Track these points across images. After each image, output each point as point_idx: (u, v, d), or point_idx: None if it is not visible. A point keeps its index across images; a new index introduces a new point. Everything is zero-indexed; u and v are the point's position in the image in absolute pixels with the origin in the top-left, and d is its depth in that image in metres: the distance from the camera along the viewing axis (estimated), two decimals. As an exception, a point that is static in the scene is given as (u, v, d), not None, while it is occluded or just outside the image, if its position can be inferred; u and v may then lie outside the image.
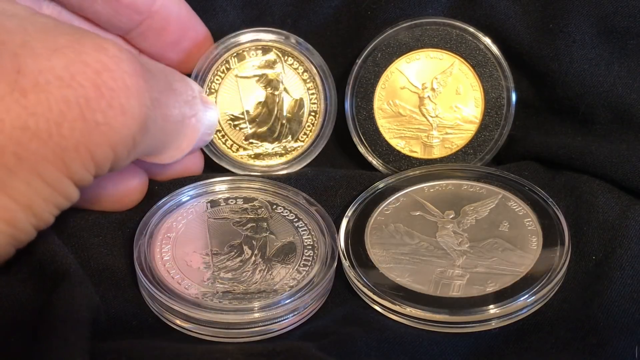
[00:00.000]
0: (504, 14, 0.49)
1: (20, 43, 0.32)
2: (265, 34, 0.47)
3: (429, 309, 0.40)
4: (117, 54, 0.34)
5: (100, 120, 0.33)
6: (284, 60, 0.48)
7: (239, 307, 0.40)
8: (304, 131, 0.49)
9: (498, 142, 0.49)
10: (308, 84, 0.48)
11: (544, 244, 0.43)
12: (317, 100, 0.48)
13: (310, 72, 0.48)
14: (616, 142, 0.48)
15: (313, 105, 0.48)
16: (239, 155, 0.49)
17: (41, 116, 0.32)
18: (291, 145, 0.49)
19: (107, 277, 0.42)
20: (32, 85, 0.32)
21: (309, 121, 0.49)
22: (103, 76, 0.33)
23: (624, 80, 0.48)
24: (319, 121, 0.49)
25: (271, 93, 0.48)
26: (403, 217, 0.45)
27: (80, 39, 0.34)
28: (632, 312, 0.39)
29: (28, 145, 0.32)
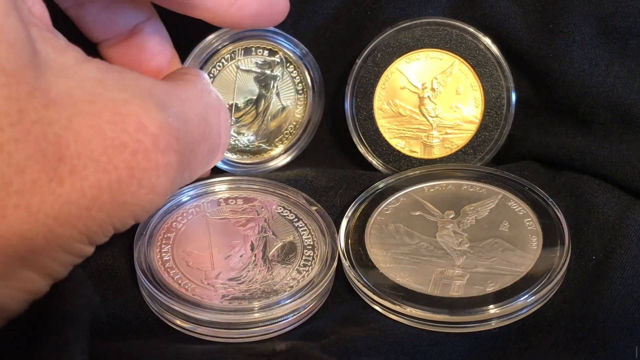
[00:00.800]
0: (504, 14, 0.49)
1: (66, 122, 0.31)
2: (276, 35, 0.47)
3: (429, 309, 0.40)
4: (157, 132, 0.33)
5: (129, 201, 0.33)
6: (285, 66, 0.48)
7: (239, 307, 0.40)
8: (281, 137, 0.49)
9: (498, 142, 0.49)
10: (300, 94, 0.48)
11: (544, 244, 0.43)
12: (302, 112, 0.49)
13: (305, 84, 0.48)
14: (616, 142, 0.48)
15: (297, 116, 0.49)
16: None
17: (74, 203, 0.31)
18: (264, 148, 0.49)
19: (107, 277, 0.42)
20: (69, 172, 0.31)
21: (288, 129, 0.49)
22: (138, 157, 0.32)
23: (624, 80, 0.48)
24: (298, 132, 0.49)
25: (263, 93, 0.48)
26: (403, 217, 0.45)
27: (125, 115, 0.32)
28: (632, 312, 0.39)
29: (58, 230, 0.31)
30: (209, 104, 0.38)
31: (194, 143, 0.36)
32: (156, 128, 0.33)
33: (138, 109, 0.33)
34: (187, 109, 0.36)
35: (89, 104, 0.32)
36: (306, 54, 0.48)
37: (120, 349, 0.37)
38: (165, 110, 0.34)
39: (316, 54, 0.49)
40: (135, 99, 0.33)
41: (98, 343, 0.37)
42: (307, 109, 0.49)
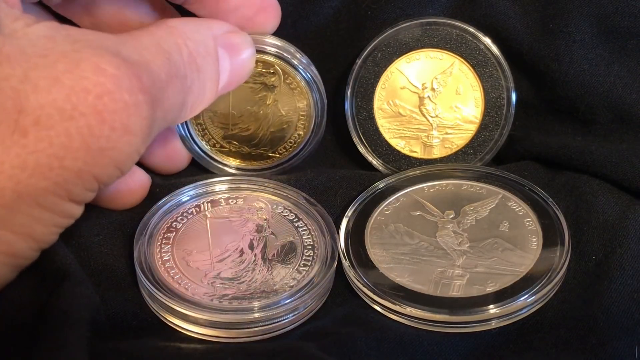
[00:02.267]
0: (504, 14, 0.49)
1: (22, 76, 0.32)
2: (274, 40, 0.47)
3: (429, 309, 0.40)
4: (116, 72, 0.33)
5: (104, 145, 0.33)
6: (283, 79, 0.47)
7: (239, 307, 0.40)
8: (284, 145, 0.49)
9: (498, 142, 0.49)
10: (300, 103, 0.48)
11: (544, 243, 0.43)
12: (305, 124, 0.48)
13: (304, 94, 0.47)
14: (616, 142, 0.48)
15: (301, 126, 0.48)
16: (214, 150, 0.49)
17: (41, 152, 0.32)
18: (267, 154, 0.49)
19: (107, 277, 0.42)
20: (32, 124, 0.32)
21: (292, 139, 0.49)
22: (104, 100, 0.33)
23: (624, 80, 0.48)
24: (302, 141, 0.48)
25: (262, 102, 0.48)
26: (403, 217, 0.45)
27: (79, 61, 0.33)
28: (632, 312, 0.39)
29: (27, 181, 0.32)
30: (170, 45, 0.38)
31: (161, 82, 0.36)
32: (114, 69, 0.33)
33: (91, 56, 0.33)
34: (144, 53, 0.36)
35: (42, 58, 0.33)
36: (304, 62, 0.47)
37: (120, 349, 0.37)
38: (120, 54, 0.34)
39: (316, 54, 0.49)
40: (86, 49, 0.34)
41: (98, 343, 0.37)
42: (311, 120, 0.48)
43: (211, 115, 0.48)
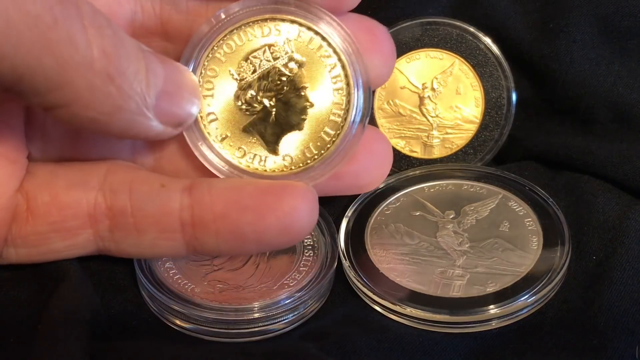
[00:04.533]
0: (504, 14, 0.49)
1: None
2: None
3: (429, 309, 0.40)
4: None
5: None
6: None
7: (239, 307, 0.40)
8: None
9: (498, 142, 0.49)
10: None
11: (544, 244, 0.43)
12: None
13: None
14: (617, 142, 0.48)
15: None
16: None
17: None
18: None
19: (106, 277, 0.42)
20: None
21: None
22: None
23: (625, 80, 0.48)
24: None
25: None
26: (403, 217, 0.45)
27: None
28: (633, 312, 0.39)
29: None
30: None
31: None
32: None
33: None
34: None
35: None
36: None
37: (120, 349, 0.37)
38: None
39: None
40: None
41: (98, 343, 0.37)
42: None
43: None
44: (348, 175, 0.39)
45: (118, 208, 0.38)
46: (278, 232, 0.36)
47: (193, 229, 0.37)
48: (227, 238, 0.37)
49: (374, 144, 0.39)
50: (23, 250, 0.39)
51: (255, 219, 0.36)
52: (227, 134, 0.38)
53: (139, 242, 0.38)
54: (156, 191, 0.38)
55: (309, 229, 0.37)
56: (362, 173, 0.39)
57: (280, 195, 0.36)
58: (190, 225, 0.37)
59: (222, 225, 0.37)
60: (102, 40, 0.32)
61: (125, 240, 0.39)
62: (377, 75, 0.39)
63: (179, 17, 0.39)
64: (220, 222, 0.37)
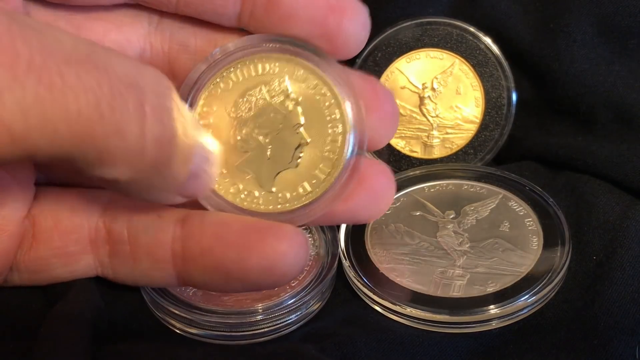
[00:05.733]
0: (504, 14, 0.49)
1: None
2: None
3: (429, 309, 0.40)
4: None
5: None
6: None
7: (241, 310, 0.40)
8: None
9: (498, 142, 0.49)
10: None
11: (544, 244, 0.43)
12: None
13: None
14: (617, 142, 0.48)
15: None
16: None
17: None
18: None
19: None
20: None
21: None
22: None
23: (625, 79, 0.48)
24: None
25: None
26: (403, 217, 0.45)
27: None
28: (633, 313, 0.39)
29: None
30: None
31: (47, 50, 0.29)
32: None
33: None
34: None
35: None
36: None
37: (122, 352, 0.37)
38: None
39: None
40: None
41: (100, 345, 0.37)
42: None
43: None
44: (344, 213, 0.38)
45: (116, 235, 0.38)
46: (261, 272, 0.35)
47: (183, 262, 0.37)
48: (212, 273, 0.36)
49: (373, 179, 0.38)
50: (25, 275, 0.39)
51: (239, 257, 0.35)
52: (222, 171, 0.38)
53: (134, 271, 0.38)
54: (152, 221, 0.38)
55: (294, 271, 0.35)
56: (359, 210, 0.38)
57: (265, 235, 0.35)
58: (180, 257, 0.37)
59: (208, 260, 0.36)
60: (161, 126, 0.31)
61: (122, 268, 0.39)
62: (376, 136, 0.38)
63: (187, 57, 0.39)
64: (207, 257, 0.36)
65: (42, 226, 0.38)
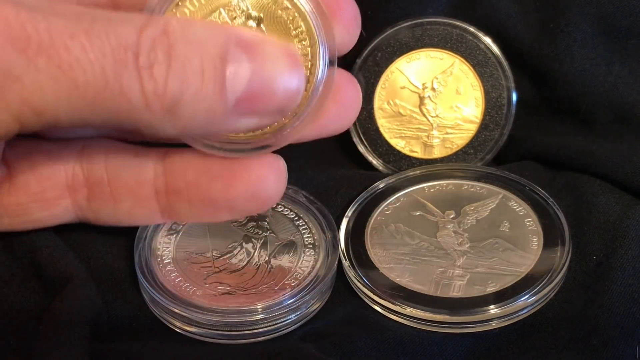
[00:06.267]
0: (504, 14, 0.49)
1: None
2: None
3: (429, 309, 0.40)
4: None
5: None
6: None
7: (241, 309, 0.40)
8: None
9: (498, 142, 0.49)
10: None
11: (544, 244, 0.43)
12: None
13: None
14: (617, 142, 0.48)
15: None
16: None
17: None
18: None
19: (107, 278, 0.42)
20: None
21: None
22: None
23: (625, 79, 0.48)
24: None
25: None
26: (403, 217, 0.45)
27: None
28: (633, 313, 0.39)
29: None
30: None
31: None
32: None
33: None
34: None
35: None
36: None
37: (121, 351, 0.37)
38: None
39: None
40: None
41: (99, 344, 0.37)
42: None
43: None
44: (314, 128, 0.39)
45: (95, 178, 0.39)
46: (247, 199, 0.37)
47: (167, 197, 0.38)
48: (199, 205, 0.38)
49: (341, 89, 0.38)
50: (5, 220, 0.40)
51: (225, 187, 0.37)
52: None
53: (115, 211, 0.40)
54: (131, 160, 0.39)
55: (277, 196, 0.38)
56: (329, 122, 0.39)
57: (248, 164, 0.37)
58: (164, 193, 0.38)
59: (194, 193, 0.38)
60: (153, 79, 0.32)
61: (103, 209, 0.40)
62: (340, 43, 0.38)
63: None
64: (192, 190, 0.38)
65: (18, 172, 0.39)
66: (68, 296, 0.38)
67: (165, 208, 0.39)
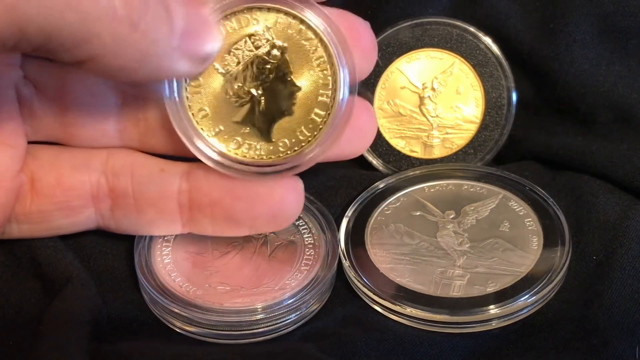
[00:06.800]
0: (504, 14, 0.49)
1: None
2: None
3: (429, 309, 0.40)
4: None
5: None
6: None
7: (241, 309, 0.40)
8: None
9: (498, 142, 0.49)
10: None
11: (544, 244, 0.43)
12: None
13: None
14: (617, 142, 0.48)
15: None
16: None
17: None
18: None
19: (107, 278, 0.42)
20: None
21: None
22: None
23: (625, 79, 0.48)
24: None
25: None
26: (403, 217, 0.45)
27: None
28: (633, 313, 0.39)
29: None
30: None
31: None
32: None
33: None
34: None
35: None
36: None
37: (121, 350, 0.37)
38: None
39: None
40: None
41: (99, 344, 0.37)
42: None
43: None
44: (331, 152, 0.40)
45: (120, 190, 0.40)
46: (268, 219, 0.40)
47: (190, 211, 0.40)
48: (221, 221, 0.40)
49: (358, 115, 0.39)
50: (25, 227, 0.41)
51: (248, 207, 0.39)
52: (220, 128, 0.39)
53: (138, 221, 0.41)
54: (156, 175, 0.40)
55: (295, 215, 0.40)
56: (345, 146, 0.40)
57: (270, 186, 0.39)
58: (187, 207, 0.40)
59: (217, 210, 0.40)
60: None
61: (125, 219, 0.41)
62: (358, 70, 0.39)
63: None
64: (216, 208, 0.39)
65: (43, 182, 0.40)
66: (68, 296, 0.38)
67: (187, 221, 0.40)
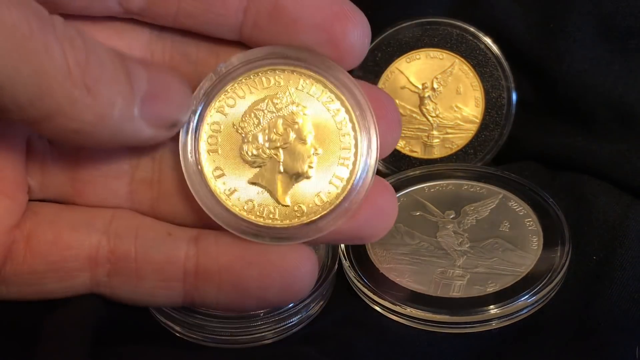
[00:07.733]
0: (504, 14, 0.49)
1: None
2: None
3: (429, 309, 0.40)
4: None
5: None
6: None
7: (242, 314, 0.39)
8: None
9: (498, 142, 0.49)
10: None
11: (544, 244, 0.43)
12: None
13: None
14: (617, 142, 0.48)
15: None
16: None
17: None
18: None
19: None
20: None
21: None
22: None
23: (625, 79, 0.48)
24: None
25: None
26: (403, 217, 0.45)
27: None
28: (633, 313, 0.39)
29: None
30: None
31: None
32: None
33: None
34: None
35: None
36: None
37: (123, 355, 0.37)
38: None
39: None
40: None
41: (101, 349, 0.36)
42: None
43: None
44: (350, 230, 0.37)
45: (122, 252, 0.37)
46: (280, 289, 0.36)
47: (195, 279, 0.37)
48: (228, 291, 0.37)
49: (378, 195, 0.37)
50: (15, 289, 0.38)
51: (260, 274, 0.36)
52: (235, 188, 0.38)
53: (136, 289, 0.38)
54: (163, 238, 0.37)
55: (308, 288, 0.37)
56: (364, 228, 0.38)
57: (284, 254, 0.36)
58: (193, 275, 0.37)
59: (226, 277, 0.37)
60: (75, 50, 0.32)
61: (123, 286, 0.38)
62: (385, 144, 0.37)
63: (188, 68, 0.38)
64: (225, 274, 0.37)
65: (39, 239, 0.38)
66: (70, 300, 0.38)
67: (190, 290, 0.37)
